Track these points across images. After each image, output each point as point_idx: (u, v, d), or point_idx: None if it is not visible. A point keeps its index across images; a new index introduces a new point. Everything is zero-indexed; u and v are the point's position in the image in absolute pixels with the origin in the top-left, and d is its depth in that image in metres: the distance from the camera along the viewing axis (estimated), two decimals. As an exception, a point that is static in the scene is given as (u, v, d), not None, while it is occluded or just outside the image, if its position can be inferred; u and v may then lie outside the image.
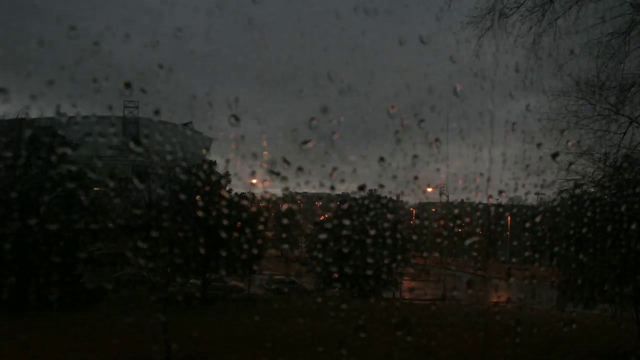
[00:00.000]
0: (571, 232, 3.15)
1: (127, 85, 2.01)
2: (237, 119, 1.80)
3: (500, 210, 3.24)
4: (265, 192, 2.87)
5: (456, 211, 3.32)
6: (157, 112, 2.97)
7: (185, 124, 3.07)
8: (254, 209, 4.16)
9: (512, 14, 2.87)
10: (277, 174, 2.19)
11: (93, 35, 2.32)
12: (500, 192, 3.06)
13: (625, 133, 3.17)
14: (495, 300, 3.51)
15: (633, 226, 3.01)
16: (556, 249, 3.23)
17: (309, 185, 2.71)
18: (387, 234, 3.90)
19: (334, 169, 2.74)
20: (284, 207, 3.30)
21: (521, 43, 2.94)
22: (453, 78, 2.65)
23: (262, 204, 3.97)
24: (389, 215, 3.60)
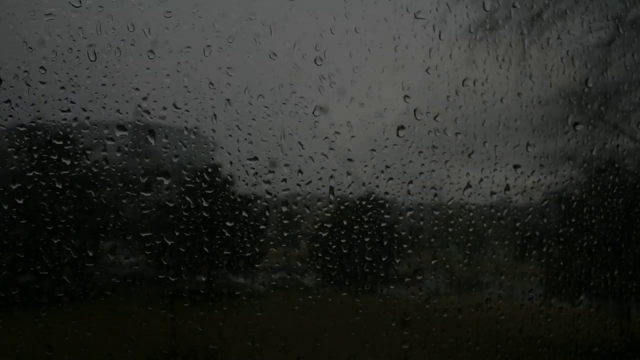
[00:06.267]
0: (559, 231, 3.31)
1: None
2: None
3: (492, 210, 3.39)
4: (267, 192, 3.02)
5: (450, 212, 3.46)
6: (164, 117, 3.13)
7: (191, 128, 3.18)
8: (256, 210, 4.29)
9: (502, 26, 3.02)
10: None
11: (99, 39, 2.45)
12: (492, 193, 3.22)
13: (607, 138, 3.33)
14: (485, 297, 3.65)
15: (617, 226, 3.17)
16: (544, 248, 3.38)
17: (309, 185, 2.86)
18: (385, 233, 4.05)
19: (334, 170, 2.90)
20: (284, 207, 3.39)
21: (511, 52, 3.09)
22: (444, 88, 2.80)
23: (264, 204, 4.10)
24: (387, 216, 3.73)
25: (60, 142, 2.91)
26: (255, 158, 2.76)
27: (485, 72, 3.01)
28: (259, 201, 3.08)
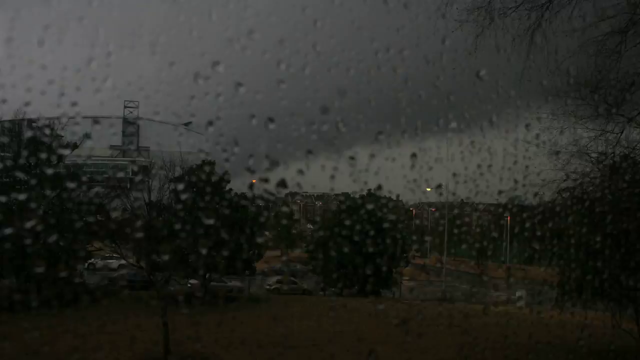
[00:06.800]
0: (571, 231, 3.15)
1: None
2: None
3: (500, 210, 3.25)
4: (266, 191, 2.87)
5: (456, 211, 3.32)
6: (156, 113, 2.99)
7: (185, 124, 3.07)
8: (253, 209, 4.16)
9: (510, 13, 2.88)
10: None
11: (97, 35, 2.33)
12: (500, 191, 3.06)
13: (622, 132, 3.18)
14: (495, 300, 3.51)
15: (632, 226, 3.01)
16: (556, 248, 3.23)
17: (309, 185, 2.71)
18: (387, 233, 3.90)
19: (334, 169, 2.73)
20: (284, 207, 3.27)
21: (519, 42, 2.94)
22: (451, 75, 2.65)
23: (262, 203, 3.97)
24: (389, 215, 3.60)
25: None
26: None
27: None
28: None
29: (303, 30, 2.51)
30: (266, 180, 2.74)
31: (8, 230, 3.14)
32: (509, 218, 3.43)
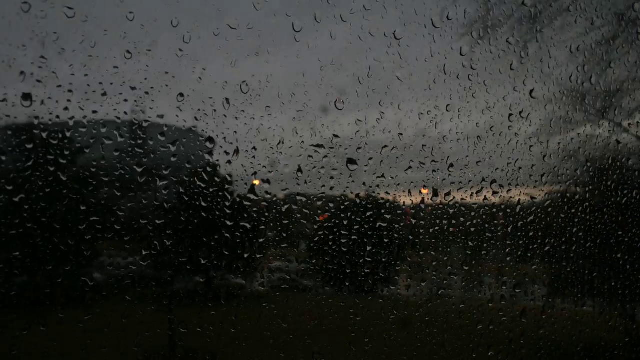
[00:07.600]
0: (562, 231, 3.28)
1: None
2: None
3: (494, 210, 3.36)
4: (266, 192, 2.99)
5: (451, 211, 3.43)
6: (162, 116, 3.10)
7: (190, 128, 3.16)
8: (255, 210, 4.26)
9: (503, 25, 3.00)
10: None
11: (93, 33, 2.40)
12: (494, 192, 3.19)
13: (610, 137, 3.31)
14: (487, 297, 3.62)
15: (620, 226, 3.14)
16: (547, 247, 3.35)
17: (309, 185, 2.83)
18: (385, 233, 4.01)
19: (333, 169, 2.86)
20: (284, 207, 3.38)
21: (511, 52, 3.06)
22: (446, 85, 2.77)
23: (263, 204, 4.07)
24: (386, 215, 3.70)
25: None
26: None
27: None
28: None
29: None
30: (267, 181, 2.87)
31: (14, 231, 3.24)
32: (502, 218, 3.55)
